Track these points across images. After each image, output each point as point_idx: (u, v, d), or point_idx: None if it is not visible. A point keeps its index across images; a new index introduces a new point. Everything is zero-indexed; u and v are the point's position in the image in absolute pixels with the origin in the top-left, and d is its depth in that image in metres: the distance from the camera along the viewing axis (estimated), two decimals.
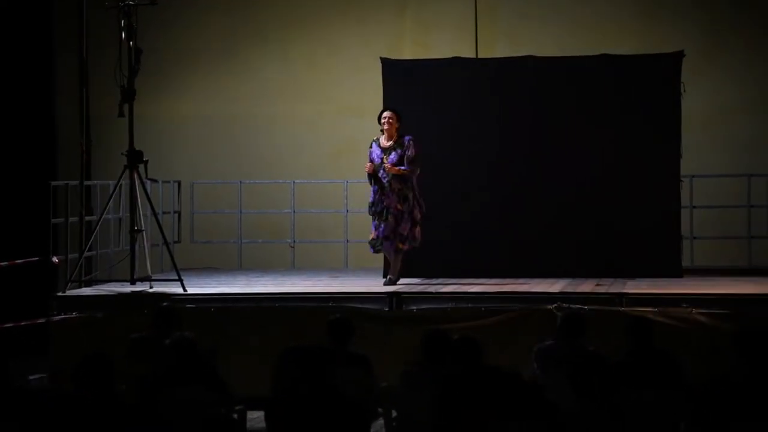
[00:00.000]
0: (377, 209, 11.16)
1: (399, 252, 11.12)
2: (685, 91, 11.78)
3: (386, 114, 11.18)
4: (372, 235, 11.20)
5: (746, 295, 10.11)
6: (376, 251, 11.25)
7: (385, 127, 11.15)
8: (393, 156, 11.09)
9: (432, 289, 10.90)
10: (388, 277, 11.18)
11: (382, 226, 11.11)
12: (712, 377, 6.18)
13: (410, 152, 11.08)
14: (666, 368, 7.14)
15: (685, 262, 12.91)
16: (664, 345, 7.71)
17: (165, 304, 9.12)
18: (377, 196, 11.16)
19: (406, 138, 11.13)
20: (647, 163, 11.81)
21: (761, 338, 6.14)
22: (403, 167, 11.04)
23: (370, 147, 11.28)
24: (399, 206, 11.08)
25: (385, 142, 11.21)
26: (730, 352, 6.12)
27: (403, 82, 12.16)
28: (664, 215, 11.79)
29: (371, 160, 11.20)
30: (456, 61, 12.37)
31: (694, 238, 14.48)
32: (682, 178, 12.06)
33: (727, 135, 15.11)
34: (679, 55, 11.81)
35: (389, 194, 11.10)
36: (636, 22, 15.24)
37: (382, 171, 11.11)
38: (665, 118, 11.77)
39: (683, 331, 9.60)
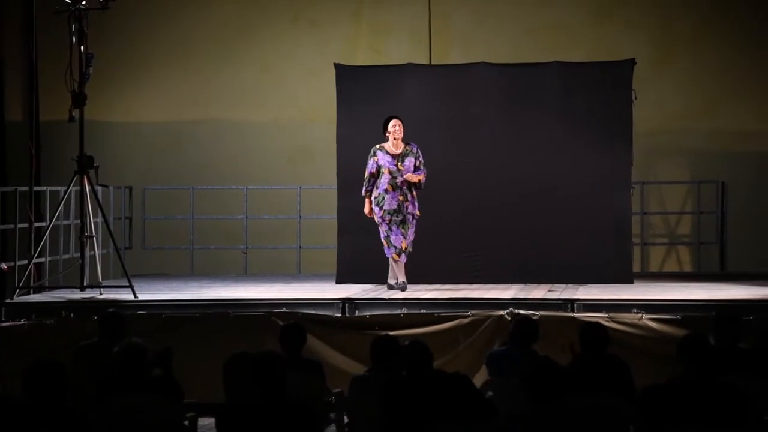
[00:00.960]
0: (399, 217, 11.17)
1: None
2: (636, 98, 11.86)
3: (395, 122, 11.22)
4: (404, 244, 11.15)
5: (695, 301, 10.19)
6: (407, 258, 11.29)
7: (396, 135, 11.17)
8: (408, 162, 11.17)
9: (384, 295, 10.90)
10: (402, 281, 11.17)
11: (410, 233, 11.18)
12: (661, 382, 6.22)
13: (422, 159, 11.21)
14: (616, 373, 7.18)
15: (636, 268, 13.02)
16: (615, 350, 7.76)
17: (111, 310, 9.03)
18: (397, 205, 11.16)
19: (414, 145, 11.25)
20: (599, 170, 11.87)
21: (706, 343, 6.19)
22: (418, 173, 11.17)
23: (374, 155, 11.20)
24: (419, 212, 11.24)
25: (393, 149, 11.23)
26: (679, 356, 6.16)
27: (357, 87, 12.16)
28: (615, 221, 11.85)
29: (380, 168, 11.15)
30: (410, 67, 12.38)
31: (645, 244, 14.63)
32: (632, 185, 12.14)
33: (675, 142, 15.27)
34: (630, 63, 11.88)
35: (413, 201, 11.22)
36: (587, 30, 15.36)
37: (400, 177, 11.11)
38: (617, 125, 11.83)
39: (633, 336, 9.67)
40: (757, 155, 15.21)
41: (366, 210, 11.30)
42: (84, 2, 10.87)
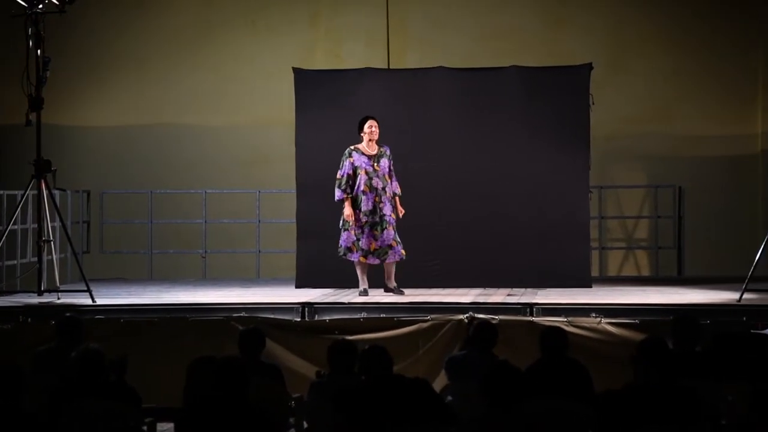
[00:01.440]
0: (373, 219, 11.05)
1: (400, 258, 11.16)
2: (594, 103, 11.91)
3: (371, 122, 11.11)
4: (373, 246, 11.06)
5: (653, 305, 10.25)
6: (382, 262, 11.14)
7: (372, 136, 11.08)
8: (383, 163, 11.08)
9: (344, 299, 10.89)
10: (394, 286, 11.11)
11: (383, 235, 11.05)
12: (619, 385, 6.26)
13: (392, 163, 11.16)
14: (575, 377, 7.22)
15: (594, 272, 13.09)
16: (574, 354, 7.80)
17: (68, 314, 8.96)
18: (372, 206, 11.05)
19: (387, 147, 11.18)
20: (557, 174, 11.91)
21: (665, 346, 6.23)
22: (393, 181, 11.12)
23: (349, 157, 11.08)
24: (393, 215, 11.11)
25: (369, 150, 11.12)
26: (637, 360, 6.20)
27: (315, 91, 12.14)
28: (574, 226, 11.90)
29: (356, 169, 11.04)
30: (367, 71, 12.39)
31: (603, 248, 14.72)
32: (590, 189, 12.20)
33: (631, 147, 15.38)
34: (587, 68, 11.94)
35: (386, 202, 11.09)
36: (541, 36, 15.45)
37: (376, 179, 11.04)
38: (574, 129, 11.88)
39: (592, 340, 9.71)
40: (713, 159, 15.35)
41: (346, 212, 11.09)
42: (41, 6, 10.79)
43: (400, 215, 11.16)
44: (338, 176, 11.13)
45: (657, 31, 15.50)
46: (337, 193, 11.14)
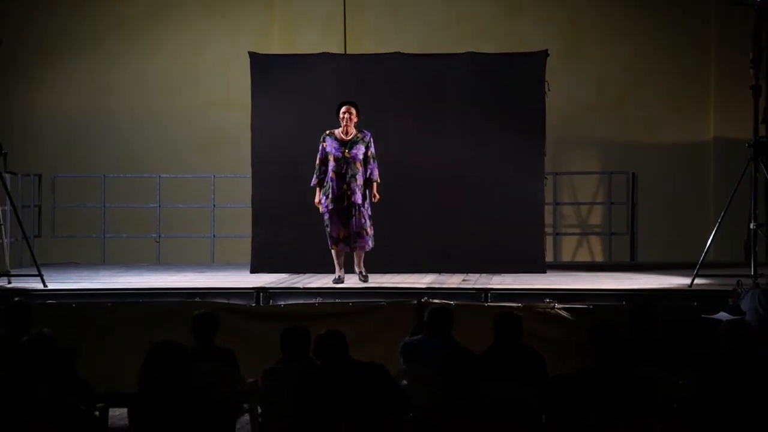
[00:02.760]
0: (340, 206, 10.85)
1: (369, 248, 11.01)
2: (549, 89, 11.95)
3: (346, 107, 10.84)
4: (342, 233, 10.88)
5: (606, 290, 10.32)
6: (352, 249, 10.98)
7: (347, 122, 10.83)
8: (356, 150, 10.84)
9: (299, 284, 10.87)
10: (361, 273, 10.96)
11: (352, 222, 10.86)
12: (572, 370, 6.29)
13: (373, 149, 10.90)
14: (529, 362, 7.25)
15: (549, 258, 13.15)
16: (528, 339, 7.82)
17: (17, 299, 8.88)
18: (339, 193, 10.83)
19: (367, 133, 10.91)
20: (512, 160, 11.96)
21: (614, 333, 6.27)
22: (370, 167, 10.86)
23: (323, 141, 10.89)
24: (367, 203, 10.90)
25: (343, 135, 10.88)
26: (588, 346, 6.24)
27: (272, 76, 12.10)
28: (528, 211, 11.95)
29: (327, 154, 10.84)
30: (324, 56, 12.36)
31: (557, 234, 14.80)
32: (545, 175, 12.24)
33: (586, 133, 15.47)
34: (543, 54, 11.98)
35: (356, 190, 10.86)
36: (499, 23, 15.49)
37: (345, 165, 10.80)
38: (530, 116, 11.92)
39: (546, 325, 9.75)
40: (667, 146, 15.47)
41: (316, 200, 10.97)
42: None
43: (374, 200, 11.01)
44: (316, 161, 11.01)
45: (612, 19, 15.59)
46: (313, 179, 11.04)
